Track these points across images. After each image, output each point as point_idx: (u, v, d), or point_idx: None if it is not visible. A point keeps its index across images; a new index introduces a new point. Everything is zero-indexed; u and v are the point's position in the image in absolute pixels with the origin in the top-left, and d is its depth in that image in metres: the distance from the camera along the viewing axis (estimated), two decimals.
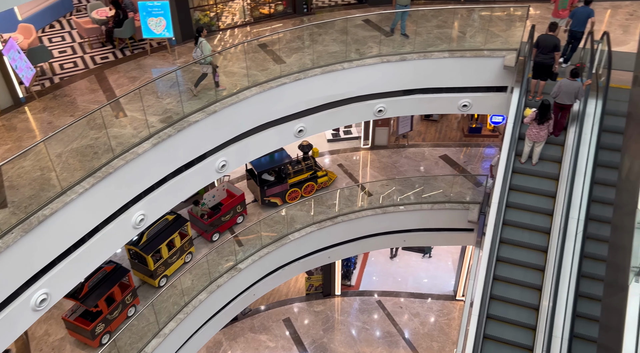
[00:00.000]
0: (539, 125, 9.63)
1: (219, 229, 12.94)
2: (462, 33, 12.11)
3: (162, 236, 11.51)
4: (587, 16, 10.76)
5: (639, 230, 5.59)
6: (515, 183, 10.08)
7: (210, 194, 13.32)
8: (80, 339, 10.53)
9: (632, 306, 5.31)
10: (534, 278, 9.20)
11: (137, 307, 11.20)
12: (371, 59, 11.17)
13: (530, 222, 9.69)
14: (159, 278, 11.71)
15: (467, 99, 11.89)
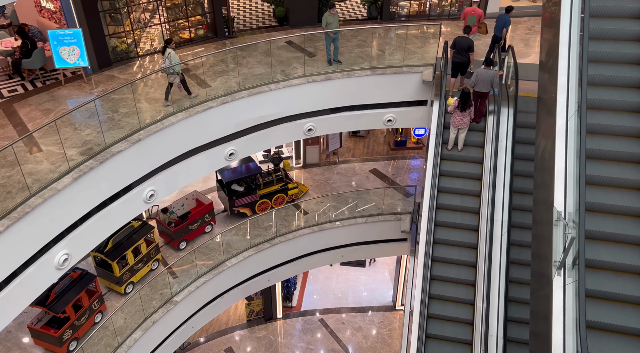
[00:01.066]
0: (462, 112, 10.35)
1: (186, 237, 12.99)
2: (381, 51, 12.58)
3: (128, 243, 11.56)
4: (503, 23, 11.74)
5: (557, 227, 6.00)
6: (445, 169, 10.65)
7: (179, 203, 13.31)
8: (47, 347, 10.43)
9: (557, 298, 5.65)
10: (468, 255, 9.75)
11: (103, 313, 11.25)
12: (297, 80, 11.28)
13: (460, 204, 10.28)
14: (125, 284, 11.70)
15: (392, 114, 12.32)
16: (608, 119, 6.83)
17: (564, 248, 5.61)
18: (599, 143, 6.70)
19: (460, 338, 9.10)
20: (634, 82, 7.02)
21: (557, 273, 5.71)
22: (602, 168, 6.55)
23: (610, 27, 7.30)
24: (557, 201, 6.11)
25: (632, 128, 6.72)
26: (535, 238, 7.32)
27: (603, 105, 6.97)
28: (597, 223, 6.23)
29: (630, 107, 6.90)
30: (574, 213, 5.92)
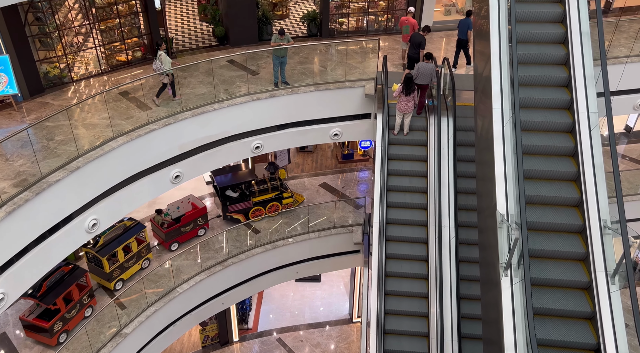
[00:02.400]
0: (406, 97, 10.82)
1: (178, 239, 13.31)
2: (323, 67, 12.76)
3: (119, 241, 11.93)
4: (467, 27, 12.39)
5: (501, 229, 6.25)
6: (393, 153, 11.04)
7: (174, 205, 13.54)
8: (38, 339, 10.87)
9: (506, 300, 5.87)
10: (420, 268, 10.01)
11: (93, 308, 11.64)
12: (241, 98, 11.22)
13: (408, 184, 10.76)
14: (114, 281, 12.04)
15: (337, 128, 12.48)
16: (539, 117, 7.29)
17: (509, 249, 5.85)
18: (530, 139, 7.14)
19: (418, 335, 9.24)
20: (560, 81, 7.52)
21: (504, 273, 5.92)
22: (536, 163, 6.92)
23: (535, 51, 7.82)
24: (500, 204, 6.38)
25: (561, 124, 7.18)
26: (482, 229, 7.54)
27: (533, 103, 7.48)
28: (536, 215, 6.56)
29: (558, 105, 7.37)
30: (516, 215, 6.19)
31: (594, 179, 6.45)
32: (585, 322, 6.06)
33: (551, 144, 7.08)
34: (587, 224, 6.22)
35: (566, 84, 7.59)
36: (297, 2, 18.43)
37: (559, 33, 7.90)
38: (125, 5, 13.02)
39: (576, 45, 7.51)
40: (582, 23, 7.59)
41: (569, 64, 7.54)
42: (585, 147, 6.77)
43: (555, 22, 8.08)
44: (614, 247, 6.01)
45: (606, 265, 5.87)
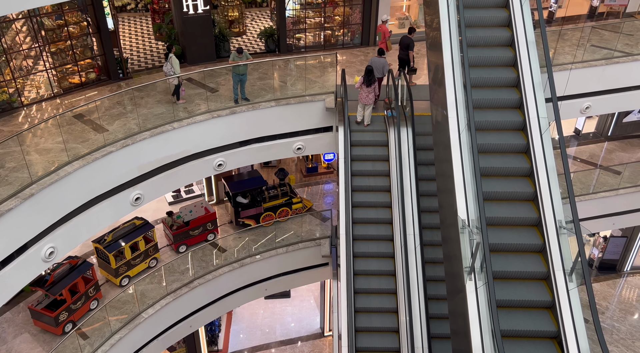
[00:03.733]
0: (367, 88, 11.39)
1: (186, 242, 13.73)
2: (283, 83, 12.82)
3: (126, 238, 12.37)
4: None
5: (463, 234, 6.40)
6: (355, 139, 11.53)
7: (187, 209, 13.96)
8: (44, 327, 11.38)
9: (471, 304, 5.99)
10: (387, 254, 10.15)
11: (99, 300, 12.08)
12: (201, 116, 11.11)
13: (372, 168, 11.07)
14: (120, 277, 12.47)
15: (300, 142, 12.52)
16: (490, 116, 7.58)
17: (471, 253, 5.98)
18: (485, 138, 7.41)
19: None
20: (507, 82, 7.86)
21: (468, 277, 6.04)
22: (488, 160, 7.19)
23: (484, 54, 8.13)
24: (460, 210, 6.53)
25: (508, 122, 7.47)
26: (445, 239, 7.68)
27: (484, 104, 7.78)
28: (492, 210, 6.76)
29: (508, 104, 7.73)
30: (477, 220, 6.35)
31: (547, 182, 6.70)
32: (546, 311, 6.32)
33: (508, 165, 7.35)
34: (544, 225, 6.44)
35: (516, 84, 7.96)
36: (254, 19, 18.52)
37: (507, 45, 8.24)
38: (77, 27, 12.74)
39: (523, 54, 7.84)
40: (527, 32, 7.94)
41: (517, 66, 7.87)
42: (538, 151, 7.03)
43: (503, 26, 8.43)
44: (569, 245, 6.25)
45: (563, 264, 6.09)
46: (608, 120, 17.80)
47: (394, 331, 9.49)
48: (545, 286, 6.33)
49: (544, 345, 6.09)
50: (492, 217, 6.78)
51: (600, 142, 17.99)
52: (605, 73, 12.79)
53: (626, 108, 15.60)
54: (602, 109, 14.03)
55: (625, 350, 15.56)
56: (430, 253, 9.84)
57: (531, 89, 7.58)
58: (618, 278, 18.16)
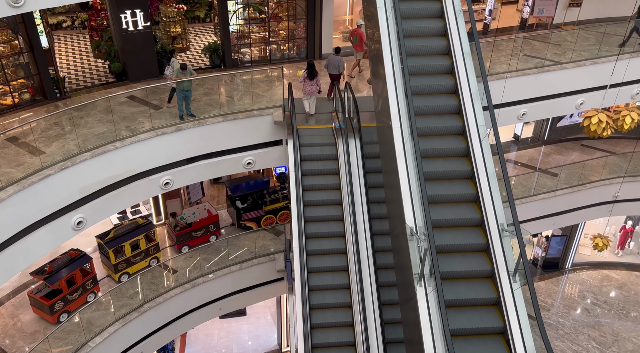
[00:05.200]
0: (311, 81, 12.02)
1: (189, 243, 14.08)
2: (230, 97, 12.71)
3: (128, 236, 12.81)
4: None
5: (412, 241, 6.52)
6: (305, 153, 11.50)
7: (190, 211, 14.39)
8: (41, 315, 11.91)
9: (422, 310, 6.10)
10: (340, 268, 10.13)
11: (96, 294, 12.51)
12: (145, 134, 10.82)
13: (323, 182, 11.18)
14: (119, 273, 12.91)
15: (250, 157, 12.42)
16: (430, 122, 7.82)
17: (420, 259, 6.10)
18: (428, 143, 7.67)
19: None
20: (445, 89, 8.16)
21: (418, 284, 6.15)
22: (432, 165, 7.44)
23: (424, 63, 8.41)
24: (408, 218, 6.66)
25: (444, 127, 7.74)
26: (396, 250, 7.80)
27: (425, 111, 8.10)
28: None
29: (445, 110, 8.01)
30: (424, 227, 6.49)
31: (488, 187, 6.97)
32: (493, 308, 6.56)
33: (450, 169, 7.58)
34: (488, 228, 6.67)
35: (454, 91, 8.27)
36: (198, 35, 18.33)
37: (444, 55, 8.56)
38: (7, 46, 12.15)
39: (460, 66, 8.16)
40: (463, 44, 8.28)
41: (456, 83, 8.18)
42: (478, 157, 7.31)
43: (439, 36, 8.77)
44: (512, 247, 6.50)
45: (507, 265, 6.32)
46: (544, 125, 18.78)
47: (350, 345, 9.49)
48: (491, 284, 6.56)
49: (492, 341, 6.29)
50: (438, 219, 6.97)
51: (537, 146, 18.93)
52: (538, 81, 13.52)
53: (559, 113, 16.52)
54: (537, 115, 14.80)
55: (570, 344, 16.31)
56: (382, 259, 9.92)
57: (469, 98, 7.88)
58: (561, 276, 19.06)
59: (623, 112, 8.72)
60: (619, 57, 12.77)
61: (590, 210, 16.49)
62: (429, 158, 7.63)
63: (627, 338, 16.46)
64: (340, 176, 11.34)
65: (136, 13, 13.28)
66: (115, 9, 13.21)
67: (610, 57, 13.40)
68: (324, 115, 12.92)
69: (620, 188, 15.88)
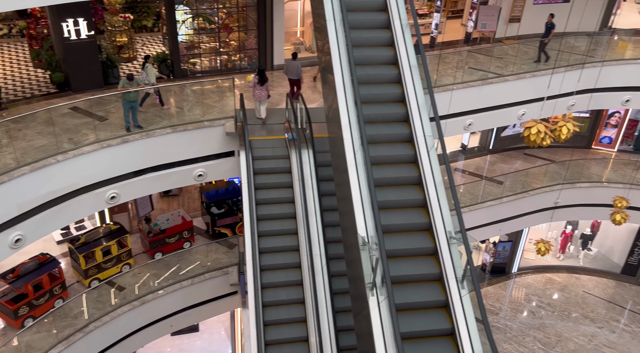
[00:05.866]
0: (261, 86, 12.31)
1: (162, 249, 13.91)
2: (179, 108, 12.46)
3: (99, 242, 12.72)
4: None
5: (364, 251, 6.58)
6: (257, 165, 11.51)
7: (164, 217, 14.26)
8: (6, 320, 11.70)
9: (375, 319, 6.15)
10: None
11: (64, 299, 12.23)
12: (89, 147, 10.42)
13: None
14: (90, 279, 12.79)
15: (201, 169, 12.19)
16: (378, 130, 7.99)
17: (372, 268, 6.15)
18: (375, 150, 7.76)
19: None
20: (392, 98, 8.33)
21: (370, 293, 6.20)
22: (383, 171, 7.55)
23: (372, 72, 8.57)
24: (360, 227, 6.71)
25: (404, 155, 7.88)
26: (349, 262, 7.85)
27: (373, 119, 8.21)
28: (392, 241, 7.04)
29: None
30: (375, 236, 6.56)
31: (437, 196, 7.15)
32: (442, 310, 6.73)
33: (399, 175, 7.73)
34: (435, 233, 6.83)
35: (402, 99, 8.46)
36: (145, 44, 17.92)
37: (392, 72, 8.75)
38: None
39: (408, 79, 8.38)
40: (410, 58, 8.50)
41: (404, 93, 8.37)
42: (426, 167, 7.49)
43: (387, 46, 8.96)
44: (460, 254, 6.68)
45: (455, 272, 6.49)
46: (489, 135, 19.54)
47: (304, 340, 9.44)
48: (440, 286, 6.72)
49: (442, 343, 6.43)
50: (389, 225, 7.07)
51: (483, 155, 19.64)
52: (483, 93, 14.08)
53: (502, 124, 17.24)
54: (482, 125, 15.40)
55: (517, 347, 16.89)
56: (337, 266, 9.96)
57: (417, 110, 8.09)
58: (508, 280, 19.76)
59: (560, 122, 9.20)
60: (554, 71, 13.51)
61: (533, 216, 17.24)
62: (378, 165, 7.75)
63: (569, 338, 17.23)
64: (294, 187, 11.32)
65: (79, 22, 12.84)
66: (56, 18, 12.73)
67: (548, 71, 14.15)
68: (277, 126, 12.92)
69: (560, 195, 16.71)
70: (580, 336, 17.30)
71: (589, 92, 15.08)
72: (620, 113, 18.95)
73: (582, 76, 13.89)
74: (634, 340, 17.15)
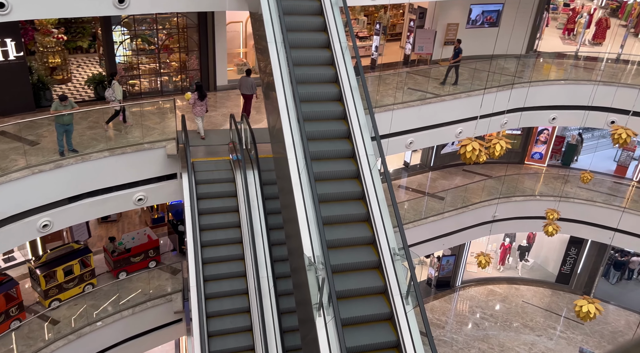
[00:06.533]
0: (201, 102, 12.30)
1: (127, 268, 13.68)
2: (118, 131, 12.05)
3: (61, 261, 12.40)
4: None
5: (310, 271, 6.55)
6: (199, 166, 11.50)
7: (129, 236, 13.93)
8: None
9: (322, 340, 6.11)
10: None
11: (21, 321, 11.87)
12: (18, 173, 9.84)
13: (217, 179, 11.28)
14: (50, 299, 12.38)
15: (142, 193, 11.79)
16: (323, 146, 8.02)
17: (318, 288, 6.13)
18: (319, 166, 7.78)
19: None
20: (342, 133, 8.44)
21: (317, 314, 6.16)
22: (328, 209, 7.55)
23: (314, 90, 8.69)
24: (306, 248, 6.69)
25: (348, 171, 7.99)
26: (296, 286, 7.80)
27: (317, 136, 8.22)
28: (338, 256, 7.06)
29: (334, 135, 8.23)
30: (321, 255, 6.56)
31: (380, 214, 7.27)
32: (387, 323, 6.79)
33: (343, 190, 7.80)
34: (380, 253, 6.92)
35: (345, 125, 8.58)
36: (81, 66, 17.29)
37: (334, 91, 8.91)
38: None
39: (349, 101, 8.55)
40: (350, 79, 8.70)
41: (346, 114, 8.54)
42: (370, 186, 7.62)
43: (328, 65, 9.11)
44: (404, 269, 6.80)
45: (400, 288, 6.59)
46: (430, 153, 20.22)
47: None
48: (385, 299, 6.80)
49: None
50: (333, 240, 7.10)
51: (425, 172, 20.27)
52: (422, 112, 14.60)
53: (441, 141, 17.91)
54: (422, 143, 15.92)
55: None
56: (284, 285, 9.85)
57: (358, 129, 8.25)
58: (453, 293, 20.30)
59: (494, 140, 9.67)
60: (486, 91, 14.25)
61: (473, 230, 17.90)
62: (323, 181, 7.80)
63: (511, 347, 17.86)
64: (240, 209, 11.16)
65: (6, 42, 12.23)
66: None
67: (481, 91, 14.92)
68: (221, 147, 12.76)
69: (497, 209, 17.47)
70: (521, 345, 17.97)
71: (519, 111, 16.00)
72: (549, 130, 20.21)
73: (512, 96, 14.75)
74: (569, 346, 18.02)
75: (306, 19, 9.49)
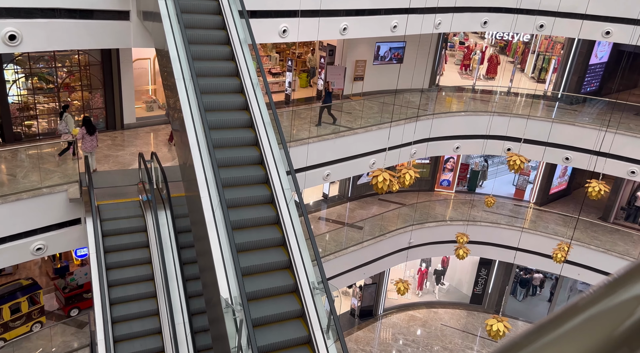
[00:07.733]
0: (91, 137, 11.82)
1: (79, 305, 13.27)
2: (12, 176, 11.08)
3: (7, 299, 11.88)
4: None
5: (227, 313, 6.28)
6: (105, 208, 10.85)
7: (82, 271, 13.52)
8: None
9: None
10: None
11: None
12: None
13: (131, 257, 10.31)
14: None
15: (40, 242, 10.83)
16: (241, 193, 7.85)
17: (236, 329, 5.88)
18: (238, 213, 7.56)
19: None
20: None
21: None
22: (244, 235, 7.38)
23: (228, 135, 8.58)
24: (222, 289, 6.44)
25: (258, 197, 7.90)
26: (211, 321, 7.44)
27: (233, 182, 7.99)
28: None
29: None
30: (239, 296, 6.33)
31: (298, 248, 7.22)
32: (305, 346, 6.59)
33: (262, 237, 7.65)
34: (300, 287, 6.83)
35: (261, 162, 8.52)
36: None
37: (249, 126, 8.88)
38: None
39: (263, 135, 8.54)
40: (263, 115, 8.72)
41: (259, 146, 8.50)
42: (287, 220, 7.57)
43: (242, 110, 9.08)
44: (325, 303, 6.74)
45: (321, 323, 6.51)
46: (347, 184, 20.68)
47: None
48: (309, 348, 6.63)
49: None
50: (253, 291, 6.88)
51: (344, 203, 20.65)
52: (336, 145, 14.98)
53: (356, 173, 18.41)
54: (339, 175, 16.26)
55: None
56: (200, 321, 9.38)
57: (274, 166, 8.23)
58: (376, 322, 20.52)
59: (403, 170, 10.10)
60: (392, 124, 14.97)
61: (391, 257, 18.39)
62: (237, 208, 7.62)
63: None
64: (151, 251, 10.58)
65: None
66: None
67: (390, 123, 15.64)
68: (130, 187, 12.12)
69: (412, 235, 18.14)
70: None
71: (426, 142, 16.96)
72: (454, 159, 21.57)
73: (418, 127, 15.61)
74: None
75: (216, 63, 9.37)
